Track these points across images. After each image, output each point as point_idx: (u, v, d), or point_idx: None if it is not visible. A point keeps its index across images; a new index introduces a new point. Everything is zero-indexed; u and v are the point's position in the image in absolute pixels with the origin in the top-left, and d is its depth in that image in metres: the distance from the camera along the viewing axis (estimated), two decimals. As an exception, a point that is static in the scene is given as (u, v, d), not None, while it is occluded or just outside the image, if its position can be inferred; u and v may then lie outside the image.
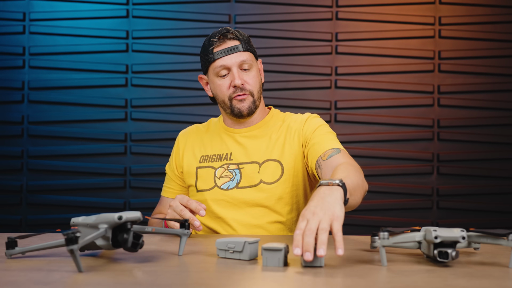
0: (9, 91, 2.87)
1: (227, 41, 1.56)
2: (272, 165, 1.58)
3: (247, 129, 1.64)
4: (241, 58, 1.56)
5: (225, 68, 1.56)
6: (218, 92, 1.60)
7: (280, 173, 1.58)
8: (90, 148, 2.86)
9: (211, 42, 1.57)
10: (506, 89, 2.87)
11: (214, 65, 1.57)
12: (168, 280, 0.91)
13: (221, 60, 1.55)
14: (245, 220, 1.56)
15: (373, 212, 2.82)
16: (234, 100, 1.57)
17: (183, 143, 1.70)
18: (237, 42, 1.57)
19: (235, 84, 1.55)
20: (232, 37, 1.56)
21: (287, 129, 1.62)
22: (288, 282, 0.92)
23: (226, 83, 1.57)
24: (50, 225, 2.80)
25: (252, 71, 1.58)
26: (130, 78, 2.88)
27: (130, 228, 1.00)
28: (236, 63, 1.55)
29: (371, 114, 2.87)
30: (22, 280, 0.89)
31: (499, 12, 2.89)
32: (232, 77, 1.55)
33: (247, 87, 1.57)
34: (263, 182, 1.57)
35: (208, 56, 1.57)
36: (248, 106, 1.58)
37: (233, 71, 1.55)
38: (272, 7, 2.90)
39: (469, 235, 1.08)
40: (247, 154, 1.60)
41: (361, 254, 1.15)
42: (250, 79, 1.57)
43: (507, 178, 2.84)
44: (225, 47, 1.56)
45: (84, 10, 2.90)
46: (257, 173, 1.58)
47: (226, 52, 1.55)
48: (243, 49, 1.56)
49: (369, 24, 2.90)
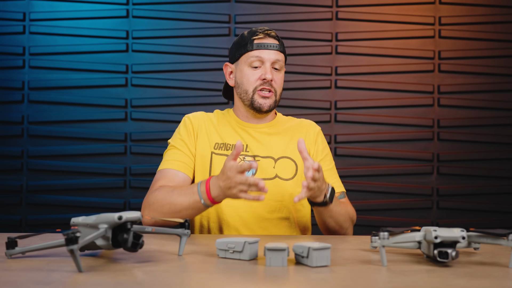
0: (9, 91, 2.87)
1: (268, 38, 1.63)
2: (287, 163, 1.63)
3: (260, 125, 1.68)
4: (277, 56, 1.62)
5: (260, 60, 1.61)
6: (244, 81, 1.63)
7: (294, 172, 1.63)
8: (90, 148, 2.86)
9: (254, 33, 1.63)
10: (506, 89, 2.87)
11: (250, 54, 1.62)
12: (168, 280, 0.91)
13: (259, 52, 1.61)
14: (257, 212, 1.57)
15: (373, 212, 2.82)
16: (258, 93, 1.61)
17: (197, 125, 1.66)
18: (277, 42, 1.64)
19: (265, 77, 1.60)
20: (274, 36, 1.64)
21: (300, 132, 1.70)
22: (288, 282, 0.92)
23: (256, 75, 1.61)
24: (50, 225, 2.80)
25: (281, 72, 1.65)
26: (130, 78, 2.88)
27: (130, 228, 1.00)
28: (271, 59, 1.61)
29: (371, 114, 2.87)
30: (22, 280, 0.89)
31: (499, 12, 2.89)
32: (264, 71, 1.60)
33: (274, 85, 1.62)
34: (278, 177, 1.60)
35: (246, 45, 1.62)
36: (270, 104, 1.63)
37: (265, 65, 1.61)
38: (272, 7, 2.90)
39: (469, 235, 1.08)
40: (263, 148, 1.63)
41: (361, 254, 1.15)
42: (279, 79, 1.64)
43: (507, 178, 2.84)
44: (266, 42, 1.62)
45: (84, 10, 2.89)
46: (273, 168, 1.61)
47: (265, 47, 1.61)
48: (281, 50, 1.64)
49: (369, 24, 2.90)
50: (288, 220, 1.61)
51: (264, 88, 1.61)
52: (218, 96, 2.85)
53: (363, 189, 2.82)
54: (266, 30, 1.63)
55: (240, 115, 1.69)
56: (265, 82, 1.60)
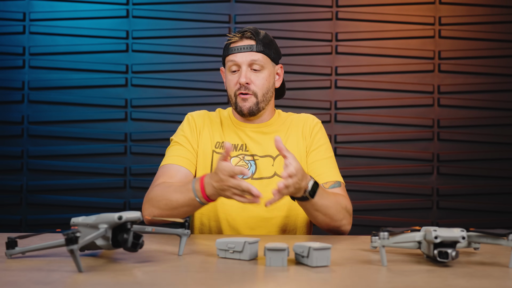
0: (9, 91, 2.87)
1: (243, 40, 1.60)
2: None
3: (258, 125, 1.67)
4: (252, 57, 1.59)
5: (235, 64, 1.60)
6: (227, 86, 1.65)
7: None
8: (90, 148, 2.86)
9: (229, 37, 1.62)
10: (506, 89, 2.87)
11: (227, 59, 1.62)
12: (168, 280, 0.91)
13: (233, 56, 1.59)
14: (256, 211, 1.57)
15: (373, 212, 2.82)
16: (238, 97, 1.60)
17: (200, 123, 1.66)
18: (253, 42, 1.60)
19: (240, 82, 1.58)
20: (249, 37, 1.60)
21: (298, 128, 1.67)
22: (288, 282, 0.92)
23: (234, 79, 1.61)
24: (50, 225, 2.80)
25: (263, 73, 1.61)
26: (130, 78, 2.88)
27: (130, 228, 1.00)
28: (246, 61, 1.59)
29: (371, 114, 2.87)
30: (22, 280, 0.89)
31: (499, 12, 2.89)
32: (239, 75, 1.59)
33: (252, 87, 1.59)
34: (277, 175, 1.60)
35: (225, 50, 1.63)
36: (250, 106, 1.60)
37: (242, 69, 1.59)
38: (272, 7, 2.90)
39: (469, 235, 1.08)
40: (261, 147, 1.63)
41: (361, 254, 1.15)
42: (258, 80, 1.60)
43: (507, 178, 2.84)
44: (240, 44, 1.60)
45: (84, 10, 2.89)
46: (271, 166, 1.61)
47: (239, 50, 1.59)
48: (257, 50, 1.59)
49: (369, 24, 2.90)
50: (288, 218, 1.61)
51: (241, 92, 1.59)
52: (218, 96, 2.85)
53: (363, 189, 2.82)
54: (241, 32, 1.60)
55: (235, 116, 1.70)
56: (241, 86, 1.59)
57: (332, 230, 1.54)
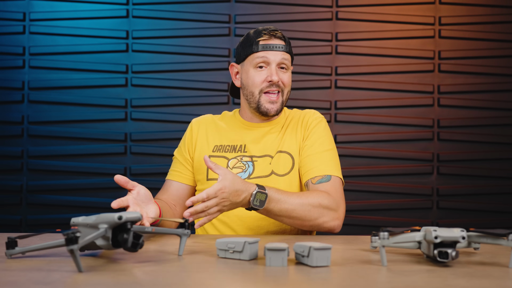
0: (9, 91, 2.87)
1: (273, 39, 1.61)
2: (283, 157, 1.62)
3: (263, 124, 1.67)
4: (283, 57, 1.61)
5: (265, 61, 1.60)
6: (250, 82, 1.62)
7: (291, 166, 1.61)
8: (90, 148, 2.86)
9: (259, 34, 1.61)
10: (506, 89, 2.87)
11: (255, 55, 1.61)
12: (168, 280, 0.91)
13: (265, 53, 1.60)
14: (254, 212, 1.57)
15: (373, 212, 2.82)
16: (264, 96, 1.61)
17: (196, 130, 1.70)
18: (283, 42, 1.62)
19: (271, 79, 1.59)
20: (279, 37, 1.62)
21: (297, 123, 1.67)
22: (288, 282, 0.92)
23: (262, 76, 1.61)
24: (50, 225, 2.80)
25: (288, 72, 1.64)
26: (130, 78, 2.88)
27: (130, 228, 1.00)
28: (277, 60, 1.60)
29: (371, 114, 2.87)
30: (22, 280, 0.89)
31: (499, 12, 2.89)
32: (270, 72, 1.60)
33: (281, 85, 1.62)
34: (274, 173, 1.60)
35: (252, 46, 1.61)
36: (277, 109, 1.63)
37: (271, 67, 1.60)
38: (272, 7, 2.90)
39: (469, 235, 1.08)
40: (261, 148, 1.63)
41: (361, 254, 1.15)
42: (286, 79, 1.63)
43: (507, 178, 2.84)
44: (271, 43, 1.61)
45: (84, 10, 2.90)
46: (269, 164, 1.61)
47: (270, 48, 1.60)
48: (286, 50, 1.62)
49: (369, 24, 2.90)
50: None
51: (270, 91, 1.60)
52: (218, 96, 2.85)
53: (363, 189, 2.82)
54: (272, 31, 1.61)
55: (244, 116, 1.70)
56: (272, 84, 1.59)
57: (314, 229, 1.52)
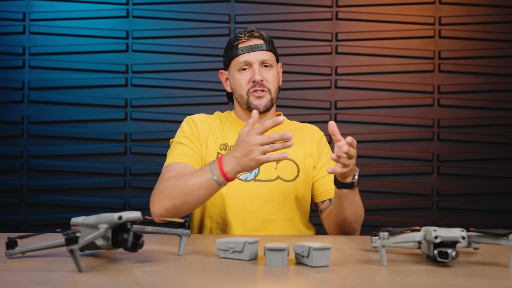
0: (9, 91, 2.87)
1: (252, 39, 1.63)
2: (289, 164, 1.63)
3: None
4: (263, 56, 1.62)
5: (247, 64, 1.61)
6: (237, 86, 1.64)
7: (296, 174, 1.63)
8: (90, 148, 2.86)
9: (237, 38, 1.63)
10: (506, 89, 2.87)
11: (236, 60, 1.62)
12: (168, 280, 0.91)
13: (244, 56, 1.61)
14: (259, 213, 1.57)
15: (373, 212, 2.82)
16: (252, 95, 1.61)
17: (201, 126, 1.64)
18: (261, 41, 1.63)
19: (254, 79, 1.60)
20: (257, 36, 1.63)
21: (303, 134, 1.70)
22: (288, 282, 0.92)
23: (246, 78, 1.62)
24: (50, 225, 2.80)
25: (272, 70, 1.64)
26: (130, 78, 2.88)
27: (130, 228, 1.00)
28: (258, 60, 1.61)
29: (371, 114, 2.87)
30: (22, 280, 0.89)
31: (499, 12, 2.89)
32: (253, 73, 1.60)
33: (266, 84, 1.62)
34: (280, 178, 1.61)
35: (232, 51, 1.63)
36: (265, 104, 1.62)
37: (254, 67, 1.61)
38: (272, 7, 2.90)
39: (469, 235, 1.08)
40: None
41: (361, 254, 1.15)
42: (270, 77, 1.63)
43: (507, 178, 2.84)
44: (249, 44, 1.62)
45: (84, 10, 2.89)
46: (274, 169, 1.61)
47: (249, 49, 1.61)
48: (266, 49, 1.63)
49: (369, 24, 2.90)
50: (291, 222, 1.61)
51: (256, 90, 1.61)
52: (218, 96, 2.85)
53: (363, 189, 2.81)
54: (249, 32, 1.63)
55: (240, 116, 1.71)
56: (256, 83, 1.60)
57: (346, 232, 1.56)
